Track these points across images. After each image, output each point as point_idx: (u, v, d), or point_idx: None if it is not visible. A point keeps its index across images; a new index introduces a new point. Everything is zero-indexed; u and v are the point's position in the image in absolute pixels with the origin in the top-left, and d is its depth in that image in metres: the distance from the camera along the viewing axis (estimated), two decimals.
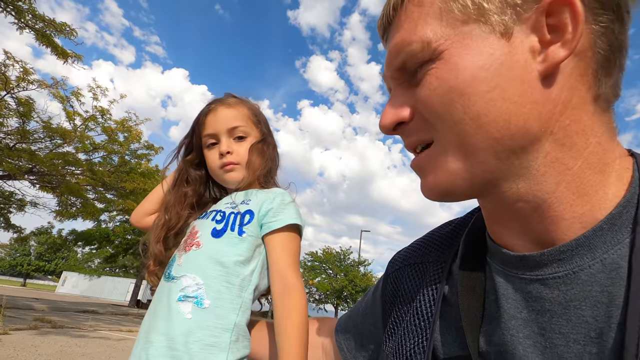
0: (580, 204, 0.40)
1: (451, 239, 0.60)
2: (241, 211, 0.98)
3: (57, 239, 22.67)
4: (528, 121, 0.39)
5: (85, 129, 13.90)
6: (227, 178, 1.07)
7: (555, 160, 0.40)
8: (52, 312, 13.48)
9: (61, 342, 6.96)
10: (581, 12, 0.37)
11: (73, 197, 13.76)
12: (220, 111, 1.08)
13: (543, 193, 0.41)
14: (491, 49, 0.40)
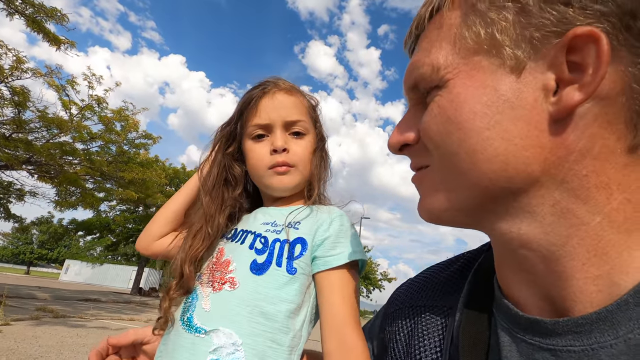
0: (596, 264, 0.36)
1: (457, 279, 0.56)
2: (290, 239, 0.77)
3: (58, 228, 22.70)
4: (530, 165, 0.36)
5: (81, 119, 13.74)
6: (276, 183, 0.84)
7: (566, 211, 0.36)
8: (55, 301, 13.61)
9: (62, 332, 7.02)
10: (606, 51, 0.32)
11: (72, 186, 13.70)
12: (279, 97, 0.86)
13: (550, 244, 0.37)
14: (496, 84, 0.37)
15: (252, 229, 0.83)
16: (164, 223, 0.93)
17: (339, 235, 0.78)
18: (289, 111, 0.85)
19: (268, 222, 0.83)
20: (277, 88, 0.87)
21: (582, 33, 0.32)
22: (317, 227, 0.79)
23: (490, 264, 0.50)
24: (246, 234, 0.83)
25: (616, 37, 0.33)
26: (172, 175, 24.64)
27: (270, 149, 0.83)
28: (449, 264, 0.62)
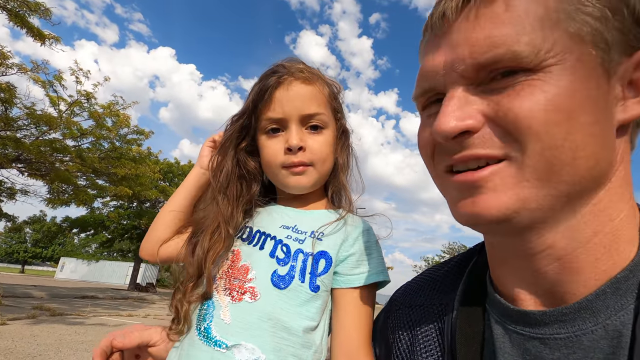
0: (606, 259, 0.38)
1: (452, 279, 0.58)
2: (313, 252, 0.73)
3: (51, 226, 22.51)
4: (606, 165, 0.38)
5: (71, 115, 13.50)
6: (293, 183, 0.78)
7: (603, 209, 0.39)
8: (51, 299, 13.56)
9: (60, 330, 7.01)
10: None
11: (63, 184, 13.54)
12: (295, 88, 0.76)
13: (576, 242, 0.39)
14: (597, 82, 0.37)
15: (270, 232, 0.78)
16: (165, 227, 0.87)
17: (363, 253, 0.75)
18: (305, 104, 0.76)
19: (288, 227, 0.78)
20: (293, 77, 0.77)
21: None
22: (342, 241, 0.75)
23: (483, 263, 0.53)
24: (265, 238, 0.77)
25: None
26: (166, 169, 24.46)
27: (285, 147, 0.76)
28: (443, 265, 0.64)
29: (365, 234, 0.78)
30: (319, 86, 0.80)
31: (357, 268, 0.74)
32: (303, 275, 0.71)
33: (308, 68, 0.82)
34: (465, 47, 0.39)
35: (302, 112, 0.76)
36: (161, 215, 0.89)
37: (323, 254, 0.73)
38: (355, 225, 0.79)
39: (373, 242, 0.78)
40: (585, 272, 0.39)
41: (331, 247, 0.74)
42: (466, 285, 0.54)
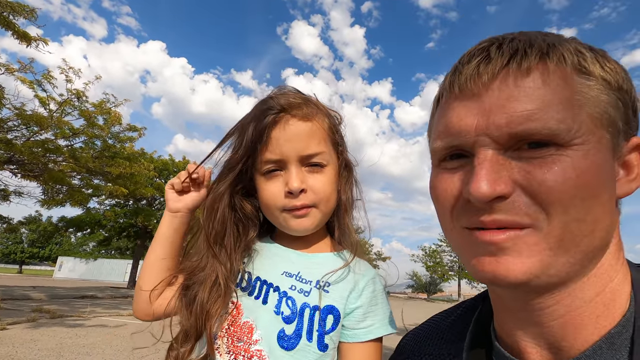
0: (605, 316, 0.42)
1: (459, 328, 0.60)
2: (320, 306, 0.70)
3: (47, 226, 22.34)
4: (609, 235, 0.43)
5: (61, 114, 13.30)
6: (295, 226, 0.74)
7: (604, 271, 0.43)
8: (51, 300, 13.54)
9: (61, 333, 7.00)
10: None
11: (57, 184, 13.41)
12: (293, 126, 0.71)
13: (581, 301, 0.42)
14: (611, 162, 0.42)
15: (273, 281, 0.73)
16: (151, 281, 0.79)
17: (370, 304, 0.72)
18: (304, 143, 0.72)
19: (291, 274, 0.74)
20: (290, 114, 0.72)
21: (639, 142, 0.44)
22: (349, 292, 0.72)
23: (488, 313, 0.56)
24: (267, 289, 0.73)
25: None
26: (161, 167, 24.30)
27: (285, 190, 0.71)
28: (450, 312, 0.66)
29: (372, 283, 0.75)
30: (318, 121, 0.75)
31: (364, 321, 0.71)
32: (310, 334, 0.68)
33: (305, 100, 0.76)
34: (502, 116, 0.41)
35: (302, 153, 0.72)
36: (143, 272, 0.81)
37: (331, 309, 0.70)
38: (363, 273, 0.75)
39: (380, 292, 0.75)
40: (588, 328, 0.42)
41: (338, 300, 0.71)
42: (473, 335, 0.56)
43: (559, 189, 0.39)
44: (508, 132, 0.41)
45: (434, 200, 0.50)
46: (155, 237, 0.83)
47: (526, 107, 0.40)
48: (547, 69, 0.41)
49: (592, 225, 0.40)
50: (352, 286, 0.73)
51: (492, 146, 0.42)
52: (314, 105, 0.76)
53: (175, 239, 0.82)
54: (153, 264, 0.80)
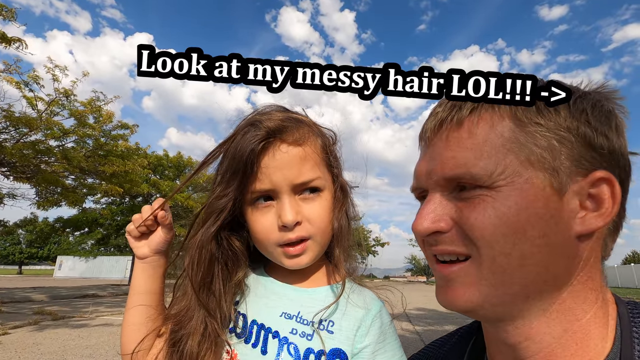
0: (580, 355, 0.44)
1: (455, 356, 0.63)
2: (326, 350, 0.64)
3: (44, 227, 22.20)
4: (560, 271, 0.44)
5: (51, 114, 13.08)
6: (291, 264, 0.68)
7: (568, 309, 0.45)
8: (52, 301, 13.57)
9: (63, 335, 7.03)
10: (618, 192, 0.43)
11: (51, 186, 13.28)
12: (284, 153, 0.65)
13: (550, 337, 0.45)
14: (546, 201, 0.44)
15: (271, 325, 0.67)
16: (133, 344, 0.70)
17: (378, 342, 0.66)
18: (297, 170, 0.66)
19: (291, 315, 0.68)
20: (279, 139, 0.66)
21: (603, 176, 0.43)
22: (355, 330, 0.66)
23: (481, 343, 0.58)
24: (265, 335, 0.66)
25: (617, 178, 0.44)
26: (155, 163, 24.10)
27: (279, 224, 0.66)
28: (446, 340, 0.69)
29: (379, 318, 0.69)
30: (311, 144, 0.69)
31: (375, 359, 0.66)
32: None
33: (296, 121, 0.69)
34: (438, 162, 0.49)
35: (295, 181, 0.66)
36: (123, 330, 0.73)
37: (337, 353, 0.64)
38: (368, 308, 0.69)
39: (387, 326, 0.69)
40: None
41: (344, 342, 0.65)
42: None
43: (480, 226, 0.45)
44: (443, 176, 0.49)
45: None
46: (130, 290, 0.76)
47: (454, 155, 0.48)
48: (477, 120, 0.47)
49: (520, 260, 0.44)
50: (359, 324, 0.67)
51: (438, 189, 0.50)
52: (306, 126, 0.70)
53: (152, 286, 0.75)
54: (132, 320, 0.72)
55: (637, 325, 0.44)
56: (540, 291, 0.44)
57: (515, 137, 0.45)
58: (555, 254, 0.43)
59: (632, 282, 29.68)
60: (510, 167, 0.44)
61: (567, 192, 0.44)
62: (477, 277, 0.46)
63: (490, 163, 0.45)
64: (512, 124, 0.46)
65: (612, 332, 0.44)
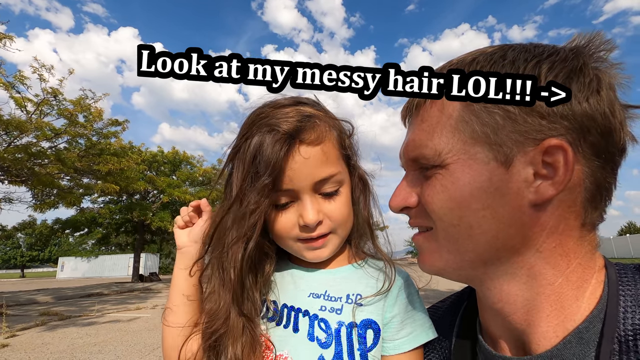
0: (556, 315, 0.47)
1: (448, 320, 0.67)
2: (357, 322, 0.65)
3: (43, 229, 22.13)
4: (513, 239, 0.46)
5: (40, 115, 12.90)
6: (312, 257, 0.69)
7: (539, 274, 0.47)
8: (57, 302, 13.66)
9: (71, 334, 7.11)
10: (571, 160, 0.43)
11: (46, 188, 13.20)
12: (304, 153, 0.63)
13: (524, 299, 0.48)
14: (490, 174, 0.46)
15: (300, 305, 0.68)
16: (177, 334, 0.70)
17: (407, 310, 0.68)
18: (317, 169, 0.64)
19: (318, 295, 0.69)
20: (298, 141, 0.63)
21: (553, 144, 0.43)
22: (383, 302, 0.68)
23: (472, 309, 0.61)
24: (296, 315, 0.67)
25: (577, 146, 0.44)
26: (150, 159, 23.95)
27: (300, 223, 0.65)
28: (439, 307, 0.74)
29: (405, 287, 0.70)
30: (328, 141, 0.67)
31: (403, 329, 0.66)
32: (352, 355, 0.63)
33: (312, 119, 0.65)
34: (404, 145, 0.56)
35: (315, 180, 0.65)
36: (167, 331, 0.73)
37: (369, 323, 0.66)
38: (393, 279, 0.70)
39: (414, 294, 0.71)
40: (542, 325, 0.47)
41: (374, 312, 0.66)
42: (459, 329, 0.63)
43: (431, 201, 0.50)
44: (407, 158, 0.55)
45: None
46: (171, 288, 0.76)
47: (413, 138, 0.53)
48: (430, 105, 0.52)
49: (468, 230, 0.47)
50: (386, 295, 0.68)
51: (409, 169, 0.56)
52: (321, 121, 0.67)
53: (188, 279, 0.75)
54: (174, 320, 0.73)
55: (623, 284, 0.46)
56: (497, 257, 0.48)
57: (461, 117, 0.48)
58: (503, 223, 0.46)
59: (628, 253, 30.21)
60: (457, 145, 0.48)
61: (513, 164, 0.45)
62: (437, 246, 0.52)
63: (440, 143, 0.49)
64: (460, 105, 0.48)
65: (594, 294, 0.46)
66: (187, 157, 26.13)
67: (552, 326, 0.46)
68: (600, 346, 0.42)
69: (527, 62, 0.45)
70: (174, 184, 23.16)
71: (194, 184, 25.57)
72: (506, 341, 0.52)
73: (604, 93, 0.44)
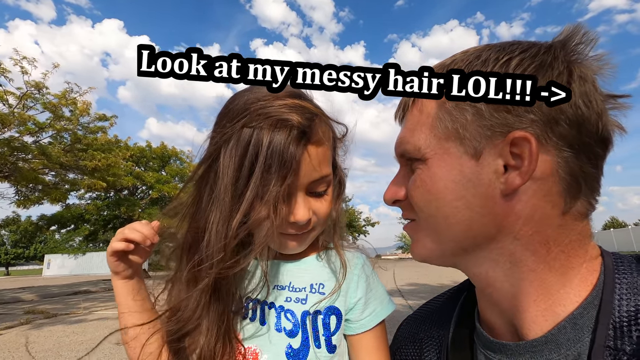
0: (542, 300, 0.48)
1: (446, 312, 0.69)
2: (321, 309, 0.69)
3: (27, 226, 21.62)
4: (488, 227, 0.49)
5: (23, 109, 12.55)
6: (292, 248, 0.69)
7: (519, 260, 0.49)
8: (43, 300, 13.39)
9: (57, 332, 6.97)
10: (535, 150, 0.45)
11: (30, 183, 12.89)
12: (308, 153, 0.63)
13: (509, 285, 0.50)
14: (462, 167, 0.50)
15: (266, 300, 0.70)
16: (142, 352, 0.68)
17: (367, 291, 0.73)
18: (316, 168, 0.64)
19: (283, 287, 0.71)
20: (306, 139, 0.62)
21: (519, 136, 0.45)
22: (346, 289, 0.72)
23: (472, 298, 0.63)
24: (262, 308, 0.69)
25: (544, 137, 0.45)
26: (138, 154, 23.57)
27: (290, 219, 0.65)
28: (437, 298, 0.76)
29: (364, 271, 0.75)
30: (327, 141, 0.67)
31: (367, 309, 0.72)
32: (318, 340, 0.68)
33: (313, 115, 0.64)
34: (395, 142, 0.59)
35: (311, 179, 0.64)
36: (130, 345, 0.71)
37: (331, 310, 0.70)
38: (353, 264, 0.75)
39: (372, 275, 0.76)
40: (530, 310, 0.49)
41: (336, 299, 0.71)
42: (457, 318, 0.65)
43: (412, 194, 0.55)
44: (396, 153, 0.59)
45: None
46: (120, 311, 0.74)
47: (401, 135, 0.57)
48: (412, 105, 0.56)
49: (445, 220, 0.51)
50: (348, 282, 0.72)
51: (401, 164, 0.60)
52: (323, 123, 0.67)
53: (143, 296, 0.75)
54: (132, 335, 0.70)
55: (619, 272, 0.47)
56: (476, 245, 0.50)
57: (437, 115, 0.52)
58: (477, 212, 0.49)
59: (612, 247, 31.04)
60: (433, 141, 0.52)
61: (483, 156, 0.48)
62: (421, 235, 0.56)
63: (420, 139, 0.53)
64: (435, 104, 0.52)
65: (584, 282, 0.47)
66: (177, 153, 25.80)
67: (541, 310, 0.48)
68: (596, 332, 0.43)
69: (498, 60, 0.48)
70: (163, 179, 22.86)
71: (184, 180, 25.28)
72: (502, 327, 0.54)
73: (575, 85, 0.46)
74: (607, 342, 0.42)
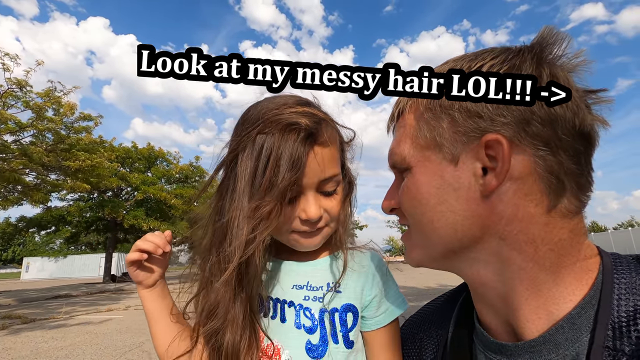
0: (534, 298, 0.48)
1: (446, 312, 0.69)
2: (338, 307, 0.73)
3: (5, 227, 20.89)
4: (471, 229, 0.50)
5: (4, 107, 12.17)
6: (305, 245, 0.73)
7: (507, 259, 0.49)
8: (21, 304, 12.95)
9: (35, 338, 6.74)
10: (507, 151, 0.46)
11: (10, 184, 12.49)
12: (316, 155, 0.66)
13: (501, 284, 0.51)
14: (442, 172, 0.52)
15: (285, 297, 0.74)
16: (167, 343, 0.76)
17: (382, 289, 0.77)
18: (324, 170, 0.68)
19: (301, 286, 0.75)
20: (313, 138, 0.66)
21: (490, 138, 0.47)
22: (362, 287, 0.75)
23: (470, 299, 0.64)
24: (282, 306, 0.74)
25: (517, 138, 0.46)
26: (124, 155, 23.12)
27: (303, 217, 0.68)
28: (436, 300, 0.78)
29: (378, 269, 0.79)
30: (334, 143, 0.71)
31: (382, 307, 0.75)
32: (336, 336, 0.71)
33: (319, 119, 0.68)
34: (388, 156, 0.61)
35: (321, 178, 0.68)
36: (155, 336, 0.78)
37: (348, 307, 0.73)
38: (367, 264, 0.78)
39: (386, 272, 0.79)
40: (524, 309, 0.49)
41: (353, 297, 0.74)
42: (457, 319, 0.65)
43: (401, 202, 0.58)
44: (389, 164, 0.61)
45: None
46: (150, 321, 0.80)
47: (390, 147, 0.60)
48: (398, 117, 0.59)
49: (430, 224, 0.53)
50: (363, 279, 0.76)
51: (395, 174, 0.62)
52: (331, 127, 0.71)
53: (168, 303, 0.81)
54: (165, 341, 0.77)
55: (618, 272, 0.47)
56: (463, 246, 0.52)
57: (417, 126, 0.54)
58: (460, 215, 0.50)
59: None
60: (414, 151, 0.55)
61: (461, 160, 0.50)
62: (414, 241, 0.58)
63: (404, 150, 0.56)
64: (414, 117, 0.55)
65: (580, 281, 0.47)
66: (163, 154, 25.40)
67: (533, 308, 0.48)
68: (594, 332, 0.43)
69: (470, 69, 0.49)
70: (149, 180, 22.46)
71: (171, 181, 24.89)
72: (499, 328, 0.54)
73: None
74: (606, 343, 0.42)
